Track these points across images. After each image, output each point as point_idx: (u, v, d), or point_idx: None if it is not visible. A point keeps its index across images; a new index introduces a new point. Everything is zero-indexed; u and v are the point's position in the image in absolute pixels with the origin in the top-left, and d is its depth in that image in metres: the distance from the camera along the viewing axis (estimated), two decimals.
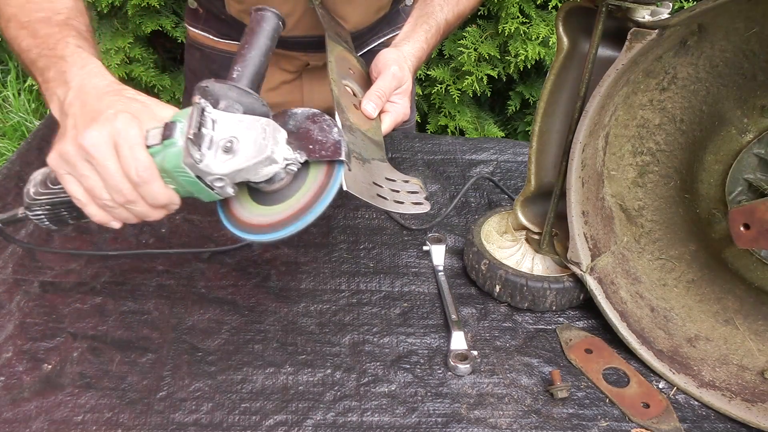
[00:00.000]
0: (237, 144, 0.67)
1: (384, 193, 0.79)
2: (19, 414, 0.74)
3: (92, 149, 0.67)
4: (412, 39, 0.98)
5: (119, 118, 0.68)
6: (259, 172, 0.69)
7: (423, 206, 0.80)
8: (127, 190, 0.69)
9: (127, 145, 0.67)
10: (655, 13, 0.79)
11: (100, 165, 0.68)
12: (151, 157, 0.68)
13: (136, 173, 0.67)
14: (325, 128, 0.72)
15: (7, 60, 2.80)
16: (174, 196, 0.72)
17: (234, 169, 0.67)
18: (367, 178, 0.79)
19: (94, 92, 0.72)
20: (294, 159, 0.70)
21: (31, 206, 0.77)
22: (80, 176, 0.69)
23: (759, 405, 0.78)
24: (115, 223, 0.74)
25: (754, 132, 0.79)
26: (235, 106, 0.70)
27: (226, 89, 0.70)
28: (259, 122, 0.69)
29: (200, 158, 0.67)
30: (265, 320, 0.89)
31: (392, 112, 0.92)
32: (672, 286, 0.89)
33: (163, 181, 0.70)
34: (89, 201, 0.71)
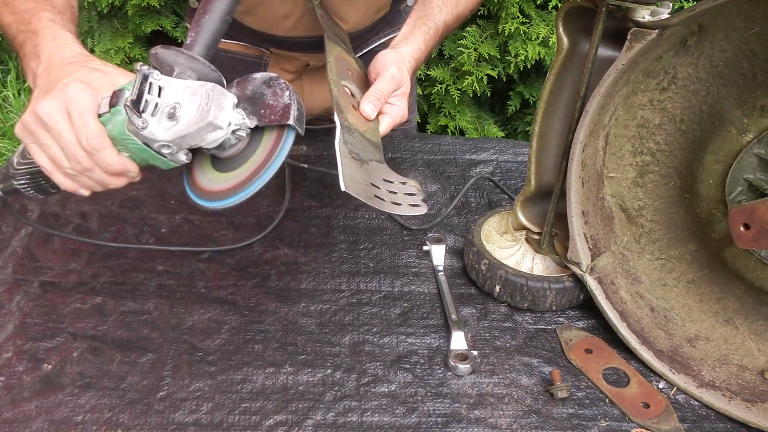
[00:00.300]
0: (180, 110, 0.67)
1: (381, 195, 0.79)
2: (19, 414, 0.74)
3: (46, 118, 0.69)
4: (410, 40, 0.98)
5: (71, 87, 0.69)
6: (205, 138, 0.69)
7: (420, 208, 0.81)
8: (82, 158, 0.70)
9: (77, 114, 0.69)
10: (655, 13, 0.79)
11: (56, 133, 0.69)
12: (102, 126, 0.69)
13: (86, 141, 0.69)
14: (278, 92, 0.71)
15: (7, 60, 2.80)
16: (129, 164, 0.72)
17: (177, 135, 0.68)
18: (365, 178, 0.79)
19: (58, 63, 0.74)
20: (242, 124, 0.70)
21: (16, 176, 0.78)
22: (42, 145, 0.71)
23: (759, 405, 0.78)
24: (83, 191, 0.75)
25: (754, 132, 0.79)
26: (188, 73, 0.70)
27: (174, 55, 0.70)
28: (204, 87, 0.68)
29: (142, 125, 0.67)
30: (265, 320, 0.89)
31: (390, 114, 0.92)
32: (672, 286, 0.89)
33: (116, 149, 0.71)
34: (55, 169, 0.73)
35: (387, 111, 0.92)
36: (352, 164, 0.78)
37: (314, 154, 1.21)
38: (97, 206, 1.05)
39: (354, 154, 0.80)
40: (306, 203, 1.10)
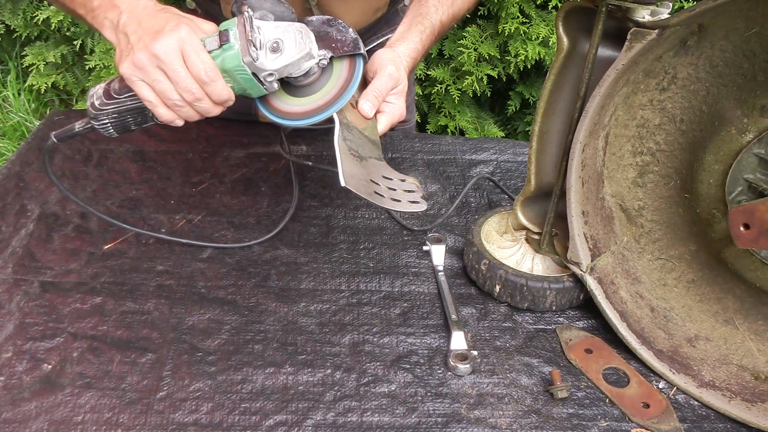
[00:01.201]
0: (282, 44, 0.81)
1: (381, 191, 0.82)
2: (19, 414, 0.74)
3: (163, 55, 0.77)
4: (407, 39, 0.98)
5: (182, 29, 0.79)
6: (301, 66, 0.82)
7: (420, 205, 0.85)
8: (195, 89, 0.80)
9: (193, 51, 0.78)
10: (655, 13, 0.79)
11: (171, 69, 0.78)
12: (213, 60, 0.80)
13: (204, 73, 0.78)
14: (341, 29, 0.86)
15: (7, 60, 2.80)
16: (232, 93, 0.82)
17: (283, 64, 0.80)
18: (364, 175, 0.82)
19: (145, 12, 0.82)
20: (324, 54, 0.84)
21: (98, 116, 0.85)
22: (153, 81, 0.79)
23: (759, 405, 0.78)
24: (179, 122, 0.84)
25: (754, 132, 0.79)
26: (268, 16, 0.84)
27: (262, 1, 0.83)
28: (294, 26, 0.82)
29: (256, 56, 0.79)
30: (265, 320, 0.89)
31: (388, 113, 0.92)
32: (672, 286, 0.89)
33: (224, 80, 0.81)
34: (160, 103, 0.81)
35: (385, 109, 0.92)
36: (351, 161, 0.81)
37: (314, 154, 1.21)
38: (97, 206, 1.05)
39: (353, 151, 0.84)
40: (306, 203, 1.10)
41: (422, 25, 1.00)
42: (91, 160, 1.15)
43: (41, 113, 2.75)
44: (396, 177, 0.87)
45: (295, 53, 0.80)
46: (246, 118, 1.28)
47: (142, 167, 1.15)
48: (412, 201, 0.84)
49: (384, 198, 0.82)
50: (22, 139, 2.62)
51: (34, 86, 2.48)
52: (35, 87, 2.48)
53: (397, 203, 0.83)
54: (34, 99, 2.77)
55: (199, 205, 1.08)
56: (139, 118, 0.85)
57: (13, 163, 1.14)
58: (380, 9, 1.19)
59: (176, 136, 1.22)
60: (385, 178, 0.86)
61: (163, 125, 0.85)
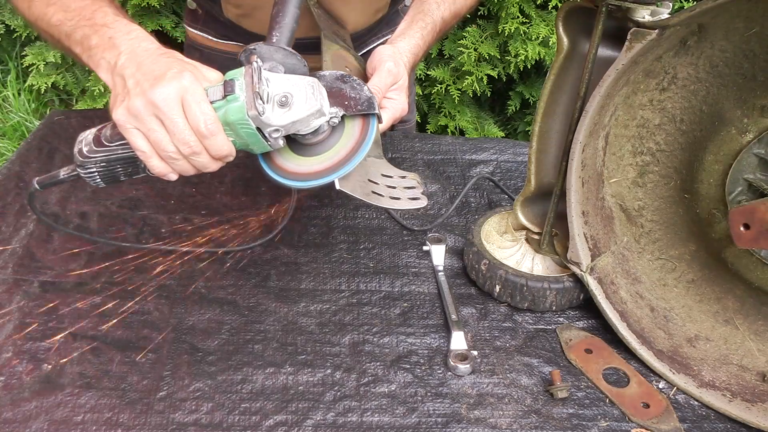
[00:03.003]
0: (291, 98, 0.76)
1: (380, 190, 0.82)
2: (19, 414, 0.74)
3: (162, 104, 0.72)
4: (408, 36, 0.98)
5: (185, 76, 0.73)
6: (310, 124, 0.77)
7: (420, 201, 0.84)
8: (193, 142, 0.74)
9: (195, 101, 0.72)
10: (655, 13, 0.79)
11: (169, 119, 0.72)
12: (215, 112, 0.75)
13: (204, 126, 0.73)
14: (356, 87, 0.81)
15: (7, 60, 2.80)
16: (233, 149, 0.77)
17: (291, 120, 0.75)
18: (362, 175, 0.81)
19: (146, 54, 0.77)
20: (335, 112, 0.79)
21: (85, 164, 0.80)
22: (148, 130, 0.73)
23: (759, 405, 0.78)
24: (173, 175, 0.78)
25: (754, 132, 0.79)
26: (278, 68, 0.79)
27: (273, 51, 0.78)
28: (305, 80, 0.77)
29: (263, 110, 0.74)
30: (265, 320, 0.89)
31: (390, 108, 0.92)
32: (672, 286, 0.89)
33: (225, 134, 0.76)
34: (153, 154, 0.75)
35: (386, 105, 0.92)
36: None
37: None
38: (97, 206, 1.05)
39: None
40: (306, 203, 1.10)
41: (423, 21, 0.99)
42: None
43: (41, 113, 2.75)
44: (396, 174, 0.87)
45: (304, 109, 0.75)
46: None
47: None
48: (412, 198, 0.83)
49: (382, 197, 0.81)
50: (22, 139, 2.62)
51: (34, 86, 2.48)
52: (35, 87, 2.48)
53: (395, 201, 0.82)
54: (34, 99, 2.77)
55: (199, 205, 1.08)
56: (129, 168, 0.80)
57: (13, 163, 1.14)
58: (381, 10, 1.19)
59: None
60: (384, 176, 0.85)
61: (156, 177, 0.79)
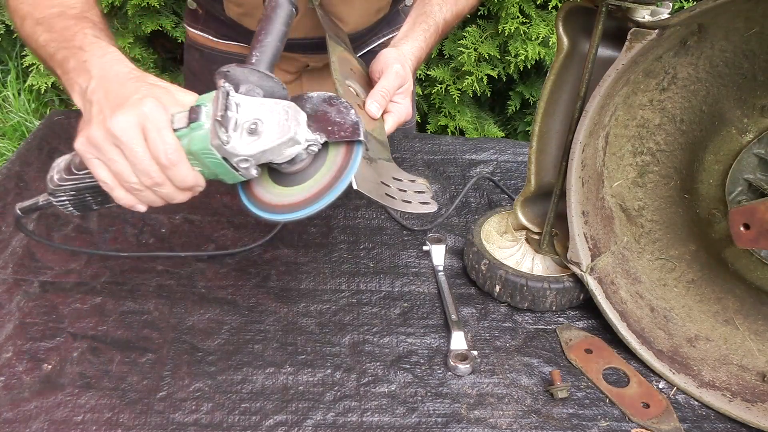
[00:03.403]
0: (261, 126, 0.69)
1: (392, 193, 0.79)
2: (19, 414, 0.74)
3: (120, 133, 0.68)
4: (411, 38, 0.98)
5: (146, 103, 0.69)
6: (283, 153, 0.71)
7: (430, 206, 0.81)
8: (155, 173, 0.70)
9: (155, 129, 0.68)
10: (655, 13, 0.79)
11: (128, 149, 0.68)
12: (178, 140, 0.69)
13: (165, 156, 0.68)
14: (342, 110, 0.73)
15: (7, 60, 2.80)
16: (200, 178, 0.73)
17: (259, 150, 0.69)
18: (375, 177, 0.79)
19: (116, 79, 0.73)
20: (314, 140, 0.72)
21: (56, 192, 0.77)
22: (108, 160, 0.70)
23: (759, 405, 0.78)
24: (141, 206, 0.74)
25: (754, 132, 0.79)
26: (256, 90, 0.72)
27: (247, 73, 0.71)
28: (281, 105, 0.70)
29: (227, 140, 0.68)
30: (265, 320, 0.89)
31: (395, 113, 0.92)
32: (672, 286, 0.89)
33: (190, 164, 0.71)
34: (116, 185, 0.72)
35: (392, 109, 0.91)
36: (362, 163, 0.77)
37: None
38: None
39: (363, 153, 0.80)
40: None
41: (426, 23, 0.99)
42: None
43: (41, 113, 2.75)
44: (406, 178, 0.85)
45: (275, 138, 0.69)
46: None
47: None
48: (422, 202, 0.81)
49: (395, 200, 0.78)
50: (22, 139, 2.62)
51: (34, 86, 2.48)
52: (35, 87, 2.48)
53: (408, 204, 0.79)
54: (34, 99, 2.77)
55: (199, 205, 1.08)
56: (99, 197, 0.77)
57: (13, 163, 1.14)
58: (382, 9, 1.19)
59: None
60: (395, 180, 0.83)
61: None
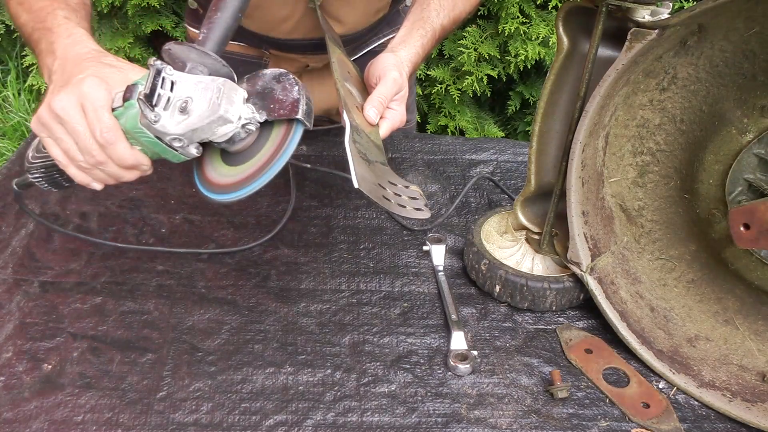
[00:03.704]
0: (191, 104, 0.68)
1: (388, 195, 0.80)
2: (19, 414, 0.74)
3: (61, 112, 0.70)
4: (408, 44, 0.98)
5: (86, 82, 0.70)
6: (215, 132, 0.70)
7: (424, 213, 0.81)
8: (96, 152, 0.71)
9: (92, 108, 0.70)
10: (655, 13, 0.79)
11: (70, 127, 0.71)
12: (116, 119, 0.71)
13: (100, 134, 0.70)
14: (287, 87, 0.72)
15: (7, 60, 2.80)
16: (141, 157, 0.73)
17: (188, 128, 0.69)
18: (373, 178, 0.80)
19: (73, 59, 0.75)
20: (252, 118, 0.71)
21: (30, 169, 0.79)
22: (56, 139, 0.72)
23: (759, 405, 0.78)
24: (96, 184, 0.76)
25: (754, 132, 0.79)
26: (199, 68, 0.71)
27: (187, 51, 0.71)
28: (216, 83, 0.69)
29: (155, 118, 0.68)
30: (265, 320, 0.89)
31: (390, 119, 0.92)
32: (672, 286, 0.89)
33: (129, 143, 0.72)
34: (69, 162, 0.74)
35: (386, 116, 0.92)
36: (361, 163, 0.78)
37: (314, 155, 1.21)
38: (97, 206, 1.05)
39: (362, 154, 0.80)
40: (306, 203, 1.10)
41: (423, 29, 0.99)
42: None
43: None
44: (400, 183, 0.85)
45: (204, 116, 0.68)
46: None
47: None
48: (416, 208, 0.81)
49: (391, 202, 0.79)
50: (22, 139, 2.62)
51: (34, 86, 2.48)
52: (35, 87, 2.48)
53: (403, 209, 0.80)
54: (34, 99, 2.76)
55: (199, 205, 1.08)
56: (64, 175, 0.77)
57: (13, 163, 1.14)
58: (381, 9, 1.19)
59: None
60: (390, 183, 0.84)
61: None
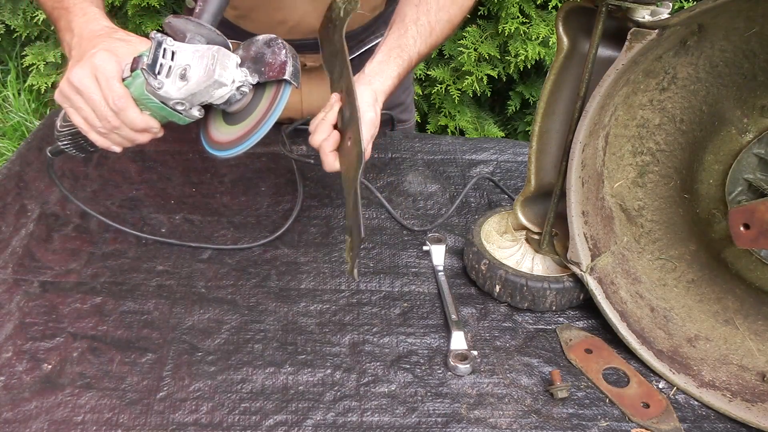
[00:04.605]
0: (189, 71, 0.77)
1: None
2: (19, 414, 0.74)
3: (78, 84, 0.79)
4: (383, 74, 0.96)
5: (98, 56, 0.79)
6: (213, 95, 0.78)
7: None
8: (111, 118, 0.80)
9: (104, 78, 0.78)
10: (655, 13, 0.79)
11: (87, 97, 0.79)
12: (126, 88, 0.79)
13: (112, 102, 0.78)
14: (276, 51, 0.80)
15: (7, 60, 2.80)
16: (151, 121, 0.82)
17: (188, 93, 0.77)
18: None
19: (88, 35, 0.83)
20: (245, 81, 0.79)
21: (59, 137, 0.88)
22: (77, 108, 0.81)
23: (759, 405, 0.78)
24: (115, 147, 0.85)
25: (754, 132, 0.79)
26: (197, 38, 0.79)
27: (184, 23, 0.79)
28: (211, 50, 0.77)
29: (159, 85, 0.76)
30: (265, 320, 0.89)
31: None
32: (672, 286, 0.89)
33: (139, 109, 0.80)
34: (89, 129, 0.82)
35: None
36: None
37: (314, 154, 1.20)
38: (97, 206, 1.05)
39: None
40: (306, 203, 1.10)
41: (401, 58, 0.97)
42: (91, 160, 1.15)
43: (41, 113, 2.75)
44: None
45: (201, 81, 0.76)
46: None
47: (142, 167, 1.15)
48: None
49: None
50: (22, 139, 2.62)
51: (34, 86, 2.48)
52: (35, 87, 2.48)
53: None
54: (34, 99, 2.76)
55: (199, 205, 1.08)
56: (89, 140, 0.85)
57: (13, 163, 1.14)
58: (378, 7, 1.19)
59: (176, 135, 1.22)
60: None
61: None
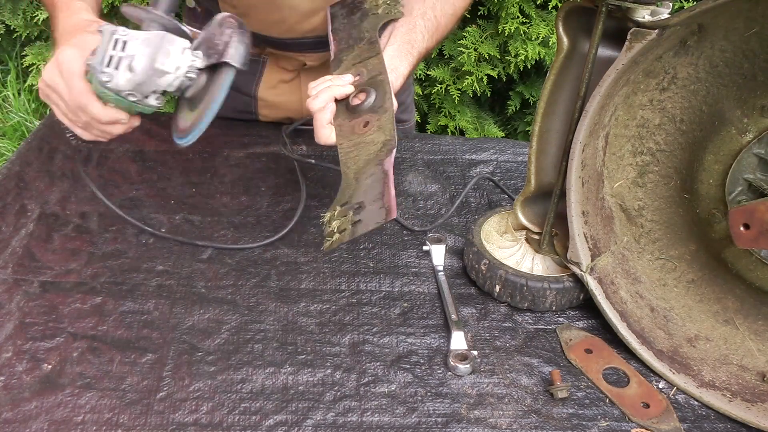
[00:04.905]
0: (134, 61, 0.75)
1: None
2: (19, 414, 0.74)
3: (50, 81, 0.80)
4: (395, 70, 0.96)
5: (64, 52, 0.79)
6: (159, 83, 0.77)
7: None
8: (80, 113, 0.80)
9: (68, 75, 0.78)
10: (655, 13, 0.79)
11: (58, 94, 0.80)
12: (87, 83, 0.78)
13: (75, 99, 0.79)
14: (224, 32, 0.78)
15: (7, 60, 2.80)
16: (115, 113, 0.81)
17: (135, 83, 0.76)
18: None
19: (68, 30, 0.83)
20: (191, 66, 0.77)
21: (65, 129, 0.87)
22: (55, 105, 0.82)
23: (759, 405, 0.78)
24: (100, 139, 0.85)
25: (754, 132, 0.79)
26: (152, 26, 0.78)
27: (139, 11, 0.78)
28: (157, 38, 0.76)
29: (107, 79, 0.75)
30: (265, 320, 0.89)
31: None
32: (672, 286, 0.89)
33: (101, 102, 0.79)
34: (71, 123, 0.83)
35: None
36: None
37: (314, 154, 1.21)
38: (97, 206, 1.05)
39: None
40: (306, 203, 1.10)
41: (411, 55, 0.99)
42: (91, 160, 1.15)
43: (41, 113, 2.75)
44: None
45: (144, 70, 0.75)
46: (246, 118, 1.28)
47: (142, 167, 1.15)
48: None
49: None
50: (22, 139, 2.61)
51: (34, 86, 2.48)
52: (35, 87, 2.48)
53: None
54: (34, 99, 2.76)
55: (199, 205, 1.08)
56: None
57: (13, 163, 1.14)
58: None
59: None
60: None
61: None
